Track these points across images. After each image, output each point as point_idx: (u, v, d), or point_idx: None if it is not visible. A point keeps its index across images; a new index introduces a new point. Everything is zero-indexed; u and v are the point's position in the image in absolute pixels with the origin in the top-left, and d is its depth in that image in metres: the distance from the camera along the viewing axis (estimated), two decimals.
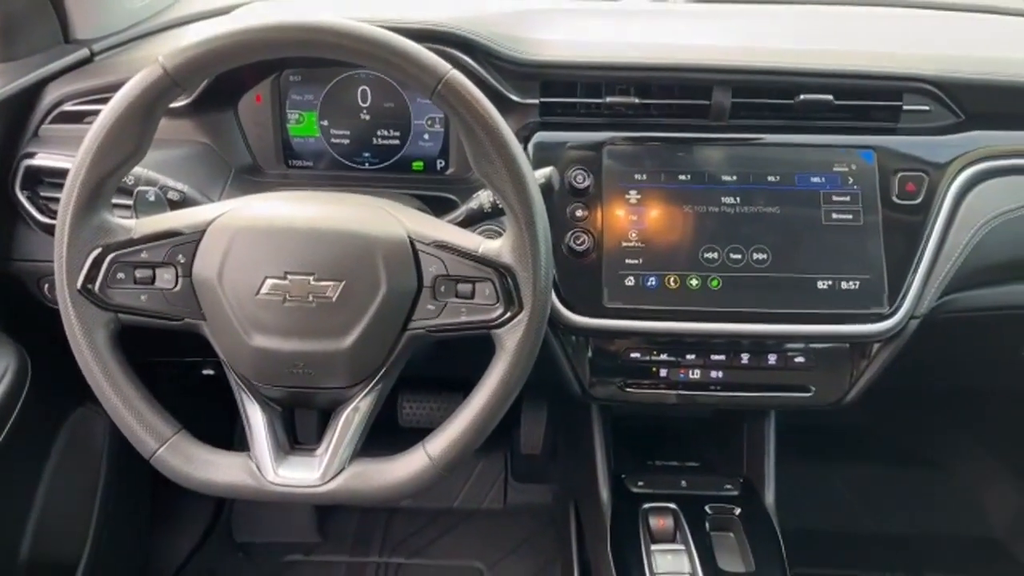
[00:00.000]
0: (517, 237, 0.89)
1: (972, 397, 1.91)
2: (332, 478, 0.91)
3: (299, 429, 1.01)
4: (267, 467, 0.91)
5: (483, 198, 1.03)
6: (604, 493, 1.28)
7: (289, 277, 0.88)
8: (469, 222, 1.04)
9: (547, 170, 1.02)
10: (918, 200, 1.14)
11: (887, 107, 1.17)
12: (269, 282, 0.88)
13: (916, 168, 1.14)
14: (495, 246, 0.90)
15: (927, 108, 1.18)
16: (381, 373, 0.93)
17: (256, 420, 0.94)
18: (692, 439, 1.45)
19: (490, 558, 1.87)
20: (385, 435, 1.03)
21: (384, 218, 0.92)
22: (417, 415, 1.75)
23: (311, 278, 0.88)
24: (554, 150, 1.15)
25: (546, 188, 1.01)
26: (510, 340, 0.90)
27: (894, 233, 1.12)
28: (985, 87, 1.18)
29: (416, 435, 0.95)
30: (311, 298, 0.88)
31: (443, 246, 0.91)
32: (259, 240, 0.89)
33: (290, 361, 0.90)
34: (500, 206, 0.92)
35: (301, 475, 0.92)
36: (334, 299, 0.88)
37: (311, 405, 0.96)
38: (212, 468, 0.92)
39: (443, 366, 1.21)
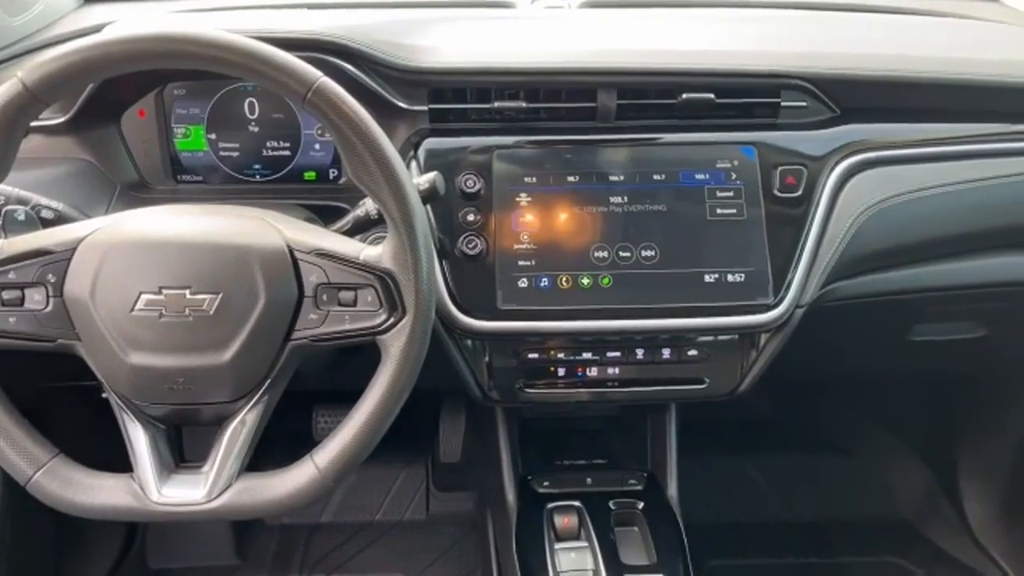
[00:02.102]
0: (397, 242, 0.89)
1: (875, 383, 1.98)
2: (218, 495, 0.90)
3: (195, 447, 0.99)
4: (150, 487, 0.90)
5: (369, 205, 1.03)
6: (510, 495, 1.29)
7: (164, 292, 0.86)
8: (357, 230, 1.04)
9: (431, 175, 1.02)
10: (798, 193, 1.17)
11: (766, 104, 1.20)
12: (144, 297, 0.86)
13: (795, 162, 1.18)
14: (376, 252, 0.90)
15: (804, 104, 1.21)
16: (266, 385, 0.92)
17: (138, 439, 0.92)
18: (599, 437, 1.46)
19: (412, 569, 1.85)
20: (302, 450, 1.02)
21: (262, 228, 0.91)
22: (331, 428, 1.72)
23: (187, 292, 0.86)
24: (444, 156, 1.16)
25: (431, 193, 1.01)
26: (395, 346, 0.89)
27: (777, 225, 1.15)
28: (858, 82, 1.22)
29: None
30: (188, 312, 0.86)
31: (323, 254, 0.90)
32: (132, 255, 0.87)
33: (170, 377, 0.88)
34: None
35: (186, 493, 0.90)
36: (211, 312, 0.87)
37: (196, 421, 0.94)
38: (93, 491, 0.89)
39: (356, 378, 1.20)
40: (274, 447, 1.09)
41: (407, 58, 1.17)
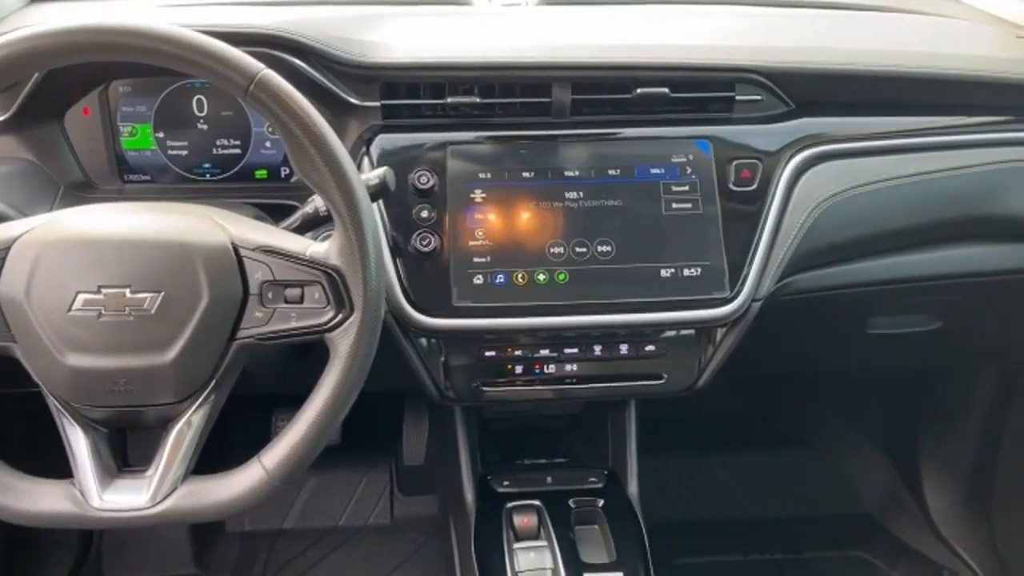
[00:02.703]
0: (344, 238, 0.87)
1: (837, 378, 1.99)
2: (163, 499, 0.87)
3: (141, 451, 0.97)
4: (91, 493, 0.87)
5: (318, 202, 1.01)
6: (469, 495, 1.27)
7: (103, 291, 0.84)
8: (306, 228, 1.02)
9: (381, 170, 1.00)
10: (753, 186, 1.17)
11: (721, 98, 1.20)
12: (82, 297, 0.84)
13: (750, 156, 1.18)
14: (323, 248, 0.89)
15: (759, 98, 1.21)
16: (212, 385, 0.89)
17: (78, 444, 0.89)
18: (559, 437, 1.45)
19: (376, 574, 1.83)
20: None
21: (205, 225, 0.89)
22: None
23: (127, 290, 0.84)
24: (397, 152, 1.14)
25: (381, 188, 1.00)
26: (343, 344, 0.88)
27: (732, 219, 1.15)
28: (812, 76, 1.22)
29: None
30: (128, 311, 0.84)
31: (269, 251, 0.88)
32: (69, 254, 0.85)
33: (110, 379, 0.85)
34: None
35: (129, 499, 0.87)
36: (153, 311, 0.84)
37: (139, 424, 0.92)
38: (31, 497, 0.87)
39: (315, 380, 1.18)
40: (235, 452, 1.07)
41: (359, 53, 1.15)
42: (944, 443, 1.93)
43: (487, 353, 1.15)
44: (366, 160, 1.14)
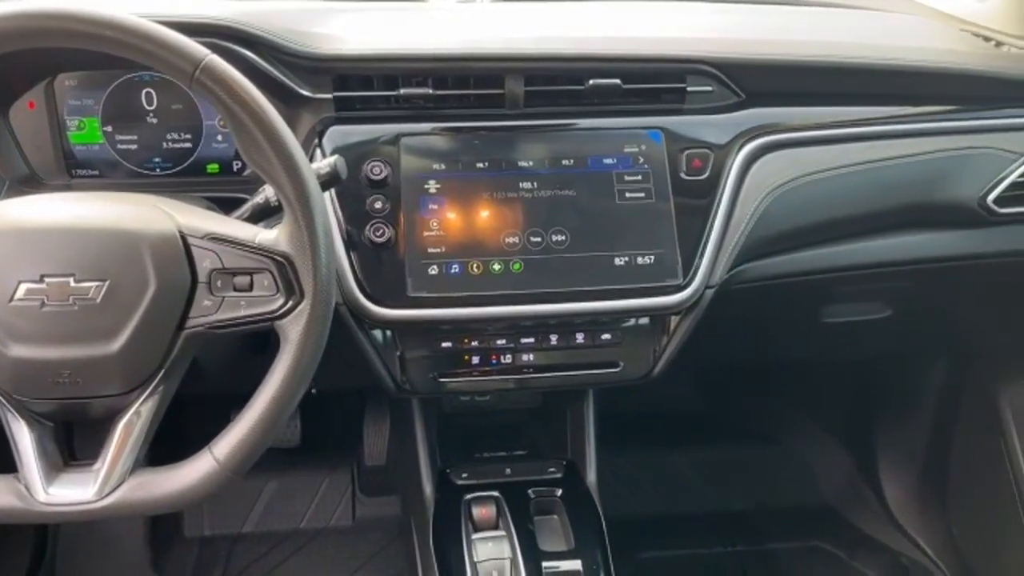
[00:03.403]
0: (293, 224, 0.86)
1: (795, 371, 2.02)
2: (110, 492, 0.86)
3: (89, 445, 0.95)
4: (36, 487, 0.85)
5: (269, 192, 1.00)
6: (427, 487, 1.27)
7: (46, 280, 0.82)
8: (256, 218, 1.01)
9: (332, 158, 1.00)
10: (705, 176, 1.18)
11: (672, 89, 1.21)
12: (24, 287, 0.82)
13: (702, 146, 1.19)
14: (272, 236, 0.88)
15: (710, 89, 1.23)
16: (160, 375, 0.88)
17: (22, 437, 0.87)
18: (519, 430, 1.45)
19: None
20: None
21: (152, 214, 0.88)
22: None
23: (71, 279, 0.83)
24: (350, 144, 1.14)
25: (332, 177, 0.99)
26: (293, 331, 0.87)
27: (685, 208, 1.16)
28: (761, 67, 1.24)
29: None
30: (72, 301, 0.83)
31: (217, 238, 0.87)
32: (11, 243, 0.83)
33: (54, 370, 0.84)
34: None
35: (75, 493, 0.86)
36: (98, 300, 0.83)
37: (86, 416, 0.90)
38: None
39: None
40: (191, 450, 1.05)
41: (310, 45, 1.14)
42: (899, 434, 1.96)
43: (443, 344, 1.15)
44: (319, 152, 1.13)
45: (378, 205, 1.11)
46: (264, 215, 1.01)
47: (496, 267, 1.12)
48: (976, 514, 1.79)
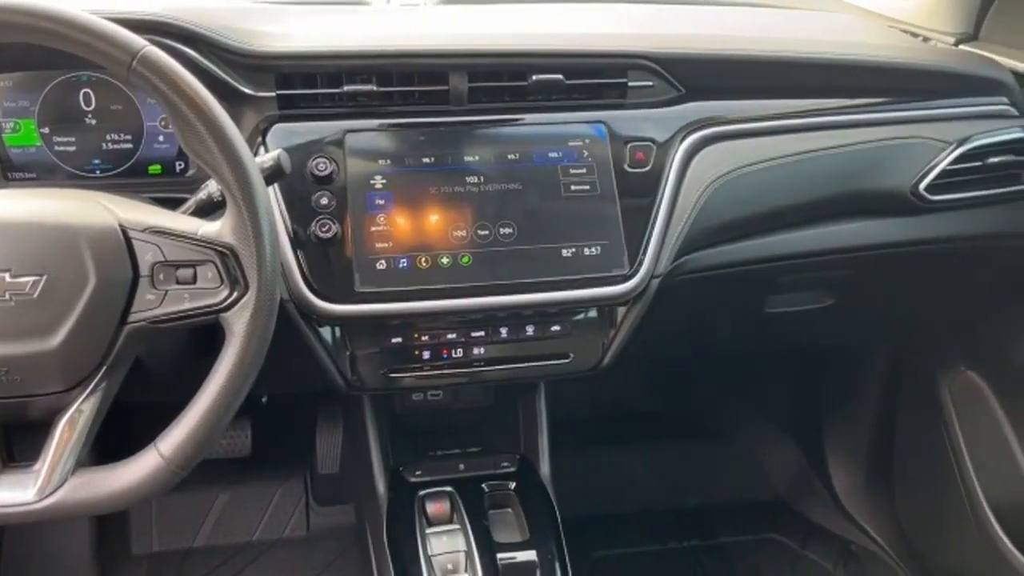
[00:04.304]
0: (237, 215, 0.86)
1: (743, 367, 2.05)
2: (51, 493, 0.84)
3: (30, 447, 0.92)
4: None
5: (212, 187, 0.99)
6: (380, 485, 1.26)
7: None
8: (201, 214, 0.99)
9: (275, 152, 0.99)
10: (648, 168, 1.20)
11: (614, 84, 1.23)
12: None
13: (644, 139, 1.21)
14: (215, 227, 0.87)
15: (650, 83, 1.25)
16: (102, 372, 0.86)
17: None
18: (472, 427, 1.45)
19: None
20: None
21: (91, 208, 0.86)
22: None
23: (7, 275, 0.81)
24: (294, 141, 1.13)
25: (276, 170, 0.98)
26: (238, 323, 0.86)
27: (629, 199, 1.18)
28: (700, 62, 1.27)
29: None
30: (8, 296, 0.81)
31: (159, 231, 0.86)
32: None
33: None
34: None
35: (13, 495, 0.84)
36: (36, 295, 0.81)
37: (25, 416, 0.87)
38: None
39: None
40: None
41: (251, 43, 1.14)
42: (846, 424, 2.01)
43: (393, 340, 1.15)
44: (263, 150, 1.12)
45: (324, 201, 1.11)
46: (208, 211, 1.00)
47: (444, 261, 1.12)
48: (921, 500, 1.84)
